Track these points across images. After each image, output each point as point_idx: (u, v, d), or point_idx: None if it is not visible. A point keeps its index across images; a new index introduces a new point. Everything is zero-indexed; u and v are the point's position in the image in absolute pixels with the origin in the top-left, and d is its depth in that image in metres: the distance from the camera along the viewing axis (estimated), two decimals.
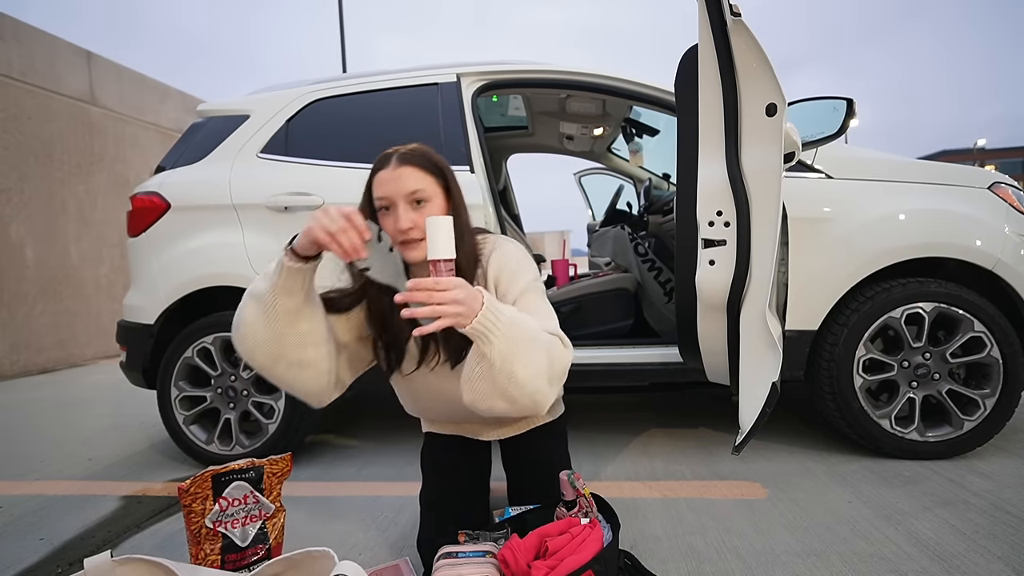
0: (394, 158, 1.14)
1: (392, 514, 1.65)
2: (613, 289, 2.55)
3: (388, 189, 1.12)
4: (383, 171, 1.14)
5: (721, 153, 1.54)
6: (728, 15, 1.45)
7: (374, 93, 2.23)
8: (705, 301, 1.64)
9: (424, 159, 1.15)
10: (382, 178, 1.13)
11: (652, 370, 2.05)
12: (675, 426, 2.41)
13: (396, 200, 1.11)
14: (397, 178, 1.11)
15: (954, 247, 1.86)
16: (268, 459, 1.31)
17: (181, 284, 2.11)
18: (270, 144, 2.19)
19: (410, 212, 1.11)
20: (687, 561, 1.33)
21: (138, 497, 1.89)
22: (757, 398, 1.50)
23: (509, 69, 2.20)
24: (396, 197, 1.11)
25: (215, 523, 1.22)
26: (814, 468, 1.87)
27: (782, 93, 1.47)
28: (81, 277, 5.26)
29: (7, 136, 4.60)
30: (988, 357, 1.84)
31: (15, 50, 4.70)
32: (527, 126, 3.24)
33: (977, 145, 46.13)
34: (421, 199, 1.12)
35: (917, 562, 1.28)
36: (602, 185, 4.03)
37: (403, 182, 1.11)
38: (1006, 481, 1.69)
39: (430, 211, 1.12)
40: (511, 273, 1.18)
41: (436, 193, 1.15)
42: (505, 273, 1.18)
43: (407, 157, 1.14)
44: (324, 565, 0.97)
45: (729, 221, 1.56)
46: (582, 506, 1.17)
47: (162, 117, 6.33)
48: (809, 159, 1.96)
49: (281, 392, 2.06)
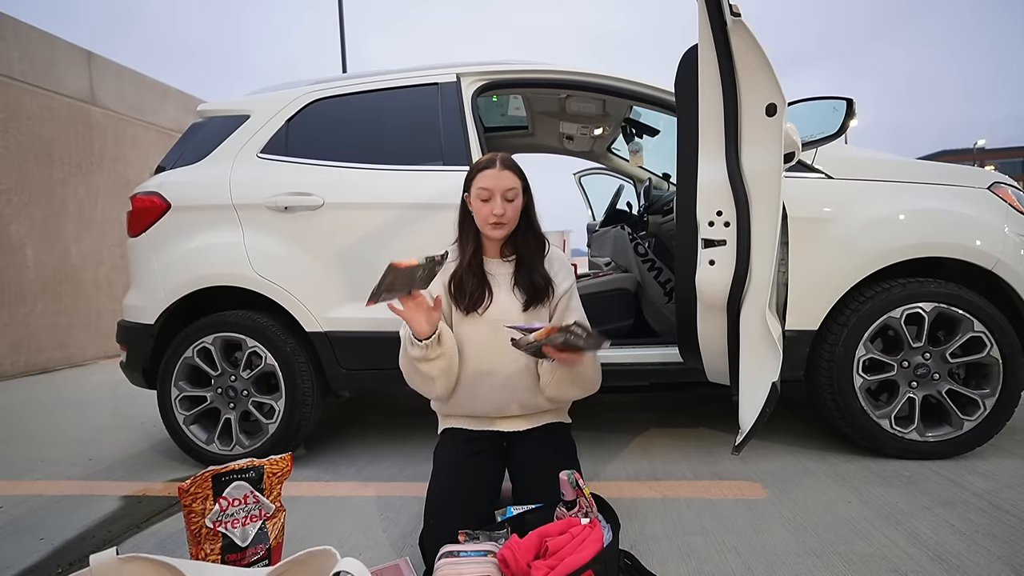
0: (498, 161, 1.49)
1: (392, 514, 1.65)
2: (613, 289, 2.55)
3: (491, 183, 1.46)
4: (489, 170, 1.47)
5: (721, 153, 1.54)
6: (728, 15, 1.45)
7: (374, 93, 2.23)
8: (705, 301, 1.64)
9: (516, 167, 1.52)
10: (488, 175, 1.47)
11: (652, 370, 2.05)
12: (675, 426, 2.42)
13: (495, 194, 1.45)
14: (500, 177, 1.46)
15: (954, 247, 1.87)
16: (268, 459, 1.31)
17: (181, 284, 2.11)
18: (270, 144, 2.19)
19: (504, 203, 1.46)
20: (687, 561, 1.33)
21: (138, 497, 1.89)
22: (757, 398, 1.50)
23: (509, 69, 2.20)
24: (496, 191, 1.45)
25: (215, 523, 1.22)
26: (814, 468, 1.87)
27: (782, 93, 1.47)
28: (81, 277, 5.26)
29: (7, 136, 4.60)
30: (988, 357, 1.84)
31: (15, 50, 4.70)
32: (527, 126, 3.24)
33: (977, 145, 46.15)
34: (512, 197, 1.47)
35: (917, 562, 1.28)
36: (602, 185, 4.03)
37: (503, 181, 1.46)
38: (1006, 481, 1.70)
39: (516, 206, 1.48)
40: (561, 265, 1.58)
41: (520, 193, 1.50)
42: (557, 262, 1.58)
43: (507, 162, 1.50)
44: (326, 562, 0.97)
45: (729, 221, 1.56)
46: (582, 506, 1.17)
47: (162, 117, 6.32)
48: (809, 159, 1.96)
49: (281, 392, 2.06)
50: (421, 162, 2.10)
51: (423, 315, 1.33)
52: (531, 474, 1.44)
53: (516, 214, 1.50)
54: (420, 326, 1.33)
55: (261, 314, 2.10)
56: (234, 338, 2.08)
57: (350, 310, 2.06)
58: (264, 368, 2.07)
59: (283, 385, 2.06)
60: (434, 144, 2.11)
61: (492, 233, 1.48)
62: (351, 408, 2.96)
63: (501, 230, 1.48)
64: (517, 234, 1.54)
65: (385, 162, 2.12)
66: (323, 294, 2.07)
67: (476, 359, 1.50)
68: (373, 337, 2.04)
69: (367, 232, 2.04)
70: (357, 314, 2.04)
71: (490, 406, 1.53)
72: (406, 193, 2.05)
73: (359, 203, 2.07)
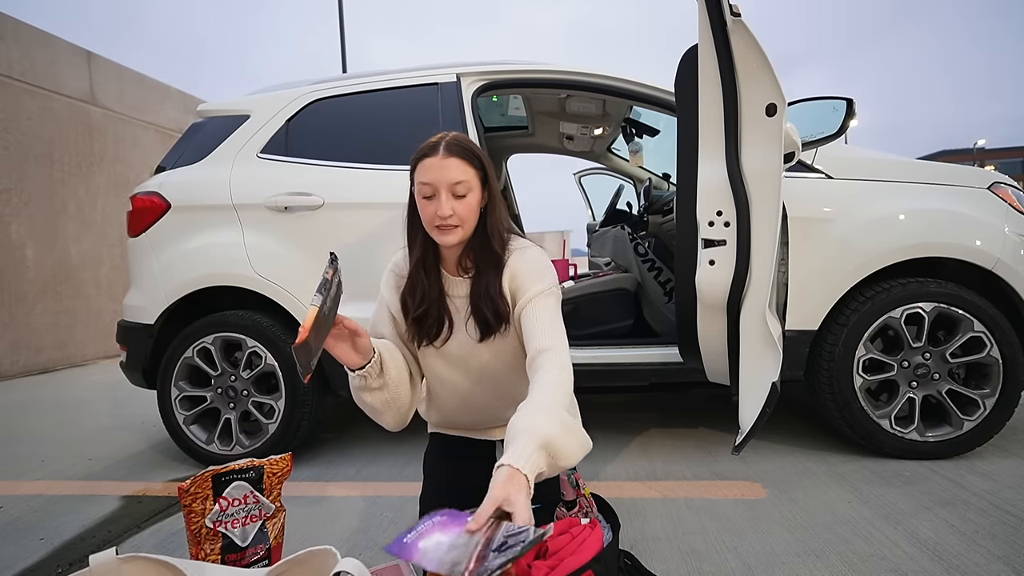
0: (441, 147, 1.17)
1: (392, 514, 1.65)
2: (613, 289, 2.55)
3: (433, 176, 1.16)
4: (430, 158, 1.16)
5: (721, 153, 1.55)
6: (728, 15, 1.45)
7: (374, 93, 2.23)
8: (705, 301, 1.64)
9: (468, 152, 1.19)
10: (429, 165, 1.16)
11: (652, 370, 2.05)
12: (675, 426, 2.41)
13: (440, 188, 1.16)
14: (443, 167, 1.15)
15: (954, 247, 1.87)
16: (268, 459, 1.31)
17: (181, 284, 2.11)
18: (270, 144, 2.19)
19: (451, 201, 1.16)
20: (687, 561, 1.33)
21: (138, 497, 1.89)
22: (757, 398, 1.51)
23: (509, 69, 2.20)
24: (440, 186, 1.15)
25: (215, 523, 1.22)
26: (814, 468, 1.87)
27: (782, 93, 1.47)
28: (81, 277, 5.26)
29: (7, 136, 4.60)
30: (988, 357, 1.84)
31: (15, 50, 4.70)
32: (527, 126, 3.24)
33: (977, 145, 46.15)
34: (463, 192, 1.17)
35: (917, 562, 1.28)
36: (602, 185, 4.03)
37: (448, 172, 1.15)
38: (1006, 481, 1.70)
39: (469, 201, 1.17)
40: (526, 273, 1.22)
41: (476, 186, 1.19)
42: (520, 273, 1.22)
43: (453, 148, 1.17)
44: (326, 562, 0.97)
45: (729, 221, 1.56)
46: (582, 506, 1.17)
47: (162, 117, 6.32)
48: (809, 159, 1.96)
49: (281, 392, 2.06)
50: None
51: (347, 344, 1.12)
52: None
53: (471, 213, 1.19)
54: (350, 358, 1.13)
55: (261, 314, 2.10)
56: (234, 338, 2.08)
57: (350, 310, 2.03)
58: (264, 368, 2.07)
59: (283, 385, 2.06)
60: None
61: (440, 239, 1.19)
62: (351, 408, 2.96)
63: (450, 235, 1.17)
64: (474, 240, 1.23)
65: (385, 162, 2.11)
66: None
67: (446, 387, 1.34)
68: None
69: (367, 232, 2.04)
70: (357, 314, 2.01)
71: (472, 426, 1.42)
72: (406, 193, 2.04)
73: (359, 203, 2.07)
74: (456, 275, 1.27)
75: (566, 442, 0.99)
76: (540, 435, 0.94)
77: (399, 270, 1.33)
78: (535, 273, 1.22)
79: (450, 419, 1.43)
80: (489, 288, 1.22)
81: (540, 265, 1.24)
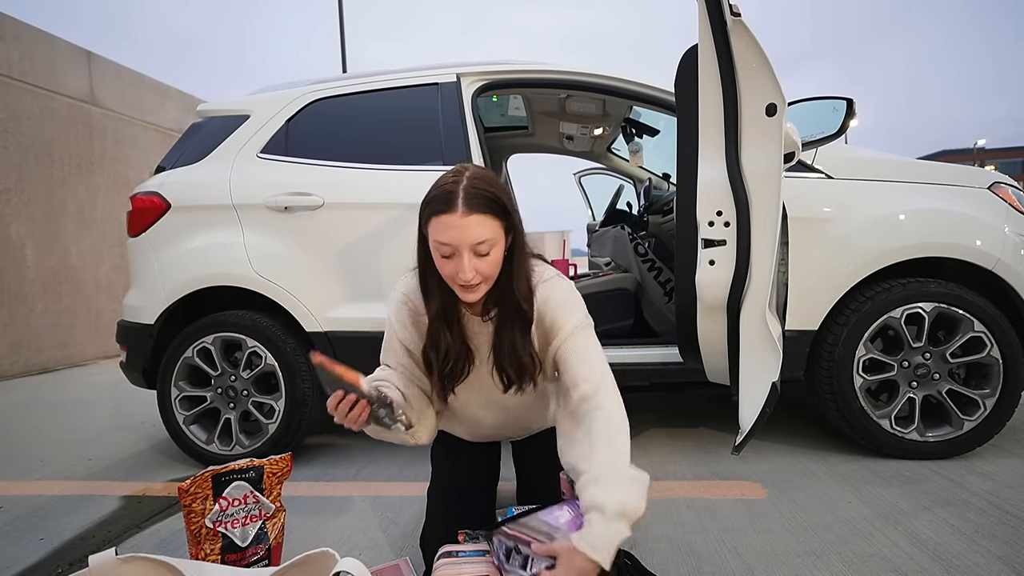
0: (460, 202, 1.02)
1: (392, 514, 1.65)
2: (613, 289, 2.55)
3: (453, 237, 1.02)
4: (447, 215, 1.02)
5: (721, 153, 1.55)
6: (728, 15, 1.45)
7: (374, 93, 2.23)
8: (705, 301, 1.64)
9: (490, 202, 1.04)
10: (446, 223, 1.02)
11: (652, 370, 2.05)
12: (675, 426, 2.41)
13: (462, 250, 1.03)
14: (464, 228, 1.02)
15: (954, 247, 1.86)
16: (268, 459, 1.31)
17: (181, 284, 2.11)
18: (270, 144, 2.19)
19: (475, 260, 1.05)
20: (687, 561, 1.33)
21: (138, 497, 1.89)
22: (757, 398, 1.51)
23: (509, 69, 2.20)
24: (462, 247, 1.03)
25: (215, 523, 1.22)
26: (814, 468, 1.87)
27: (782, 93, 1.47)
28: (81, 277, 5.26)
29: (7, 136, 4.60)
30: (988, 357, 1.84)
31: (15, 50, 4.70)
32: (527, 126, 3.24)
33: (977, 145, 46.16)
34: (487, 250, 1.05)
35: (917, 562, 1.28)
36: (602, 185, 4.03)
37: (471, 232, 1.02)
38: (1006, 481, 1.69)
39: (493, 257, 1.07)
40: (558, 303, 1.15)
41: (500, 239, 1.08)
42: (552, 303, 1.15)
43: (473, 202, 1.02)
44: (326, 564, 0.97)
45: (729, 221, 1.56)
46: None
47: (162, 117, 6.32)
48: (809, 159, 1.96)
49: (281, 392, 2.06)
50: (421, 162, 2.09)
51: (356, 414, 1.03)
52: (530, 475, 1.43)
53: (495, 269, 1.09)
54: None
55: (261, 314, 2.10)
56: (234, 338, 2.08)
57: (350, 310, 2.06)
58: (264, 368, 2.07)
59: (283, 385, 2.06)
60: (434, 144, 2.11)
61: (463, 296, 1.11)
62: None
63: (473, 293, 1.09)
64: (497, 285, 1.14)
65: (385, 162, 2.11)
66: (323, 294, 2.06)
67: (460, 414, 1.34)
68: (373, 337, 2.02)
69: (367, 232, 2.04)
70: (357, 314, 2.04)
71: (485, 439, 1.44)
72: (406, 193, 2.04)
73: (359, 203, 2.07)
74: (478, 315, 1.20)
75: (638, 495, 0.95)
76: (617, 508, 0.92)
77: (412, 304, 1.22)
78: (567, 307, 1.16)
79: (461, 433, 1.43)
80: (516, 346, 1.15)
81: (570, 299, 1.17)
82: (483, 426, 1.36)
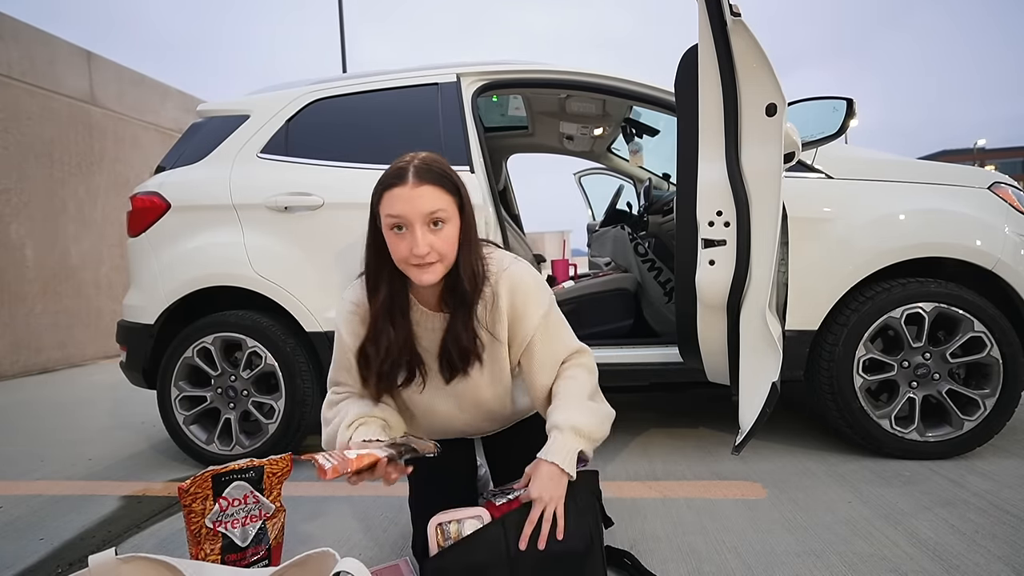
0: (410, 174, 1.03)
1: (392, 514, 1.65)
2: (613, 289, 2.55)
3: (404, 208, 1.02)
4: (398, 188, 1.03)
5: (721, 153, 1.55)
6: (728, 15, 1.45)
7: (374, 93, 2.23)
8: (705, 301, 1.64)
9: (442, 176, 1.05)
10: (398, 195, 1.03)
11: (652, 370, 2.05)
12: (675, 426, 2.41)
13: (413, 222, 1.02)
14: (416, 197, 1.02)
15: (954, 247, 1.86)
16: (268, 459, 1.31)
17: (181, 284, 2.11)
18: (270, 144, 2.19)
19: (428, 235, 1.03)
20: (687, 561, 1.33)
21: (138, 497, 1.89)
22: (757, 398, 1.51)
23: (509, 69, 2.20)
24: (413, 218, 1.02)
25: (215, 523, 1.22)
26: (814, 468, 1.87)
27: (782, 93, 1.47)
28: (81, 277, 5.26)
29: (7, 136, 4.60)
30: (988, 357, 1.84)
31: (15, 50, 4.70)
32: (527, 126, 3.24)
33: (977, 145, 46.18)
34: (439, 220, 1.04)
35: (917, 562, 1.28)
36: (602, 185, 4.03)
37: (422, 202, 1.02)
38: (1006, 481, 1.69)
39: (447, 232, 1.05)
40: (526, 294, 1.14)
41: (454, 214, 1.06)
42: (519, 295, 1.14)
43: (425, 174, 1.03)
44: (326, 564, 0.97)
45: (729, 221, 1.56)
46: None
47: (162, 117, 6.32)
48: (809, 159, 1.96)
49: (281, 392, 2.06)
50: None
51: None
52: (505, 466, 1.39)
53: (450, 246, 1.06)
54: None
55: (261, 314, 2.10)
56: (234, 338, 2.08)
57: None
58: (264, 368, 2.07)
59: (283, 385, 2.06)
60: (434, 144, 2.11)
61: (417, 278, 1.06)
62: None
63: (429, 272, 1.05)
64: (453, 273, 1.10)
65: (385, 162, 2.07)
66: (323, 294, 2.06)
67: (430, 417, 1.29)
68: None
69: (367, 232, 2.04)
70: None
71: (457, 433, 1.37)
72: None
73: (359, 203, 2.04)
74: (437, 311, 1.16)
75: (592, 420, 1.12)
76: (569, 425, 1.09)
77: (362, 312, 1.17)
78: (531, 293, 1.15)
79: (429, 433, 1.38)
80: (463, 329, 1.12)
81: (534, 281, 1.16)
82: (452, 424, 1.32)
